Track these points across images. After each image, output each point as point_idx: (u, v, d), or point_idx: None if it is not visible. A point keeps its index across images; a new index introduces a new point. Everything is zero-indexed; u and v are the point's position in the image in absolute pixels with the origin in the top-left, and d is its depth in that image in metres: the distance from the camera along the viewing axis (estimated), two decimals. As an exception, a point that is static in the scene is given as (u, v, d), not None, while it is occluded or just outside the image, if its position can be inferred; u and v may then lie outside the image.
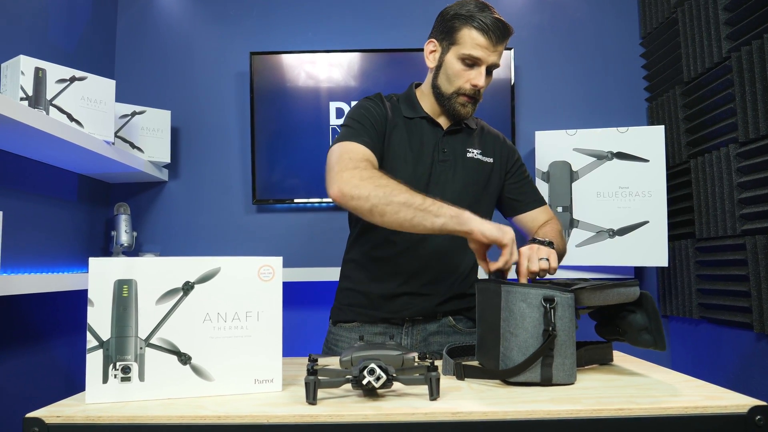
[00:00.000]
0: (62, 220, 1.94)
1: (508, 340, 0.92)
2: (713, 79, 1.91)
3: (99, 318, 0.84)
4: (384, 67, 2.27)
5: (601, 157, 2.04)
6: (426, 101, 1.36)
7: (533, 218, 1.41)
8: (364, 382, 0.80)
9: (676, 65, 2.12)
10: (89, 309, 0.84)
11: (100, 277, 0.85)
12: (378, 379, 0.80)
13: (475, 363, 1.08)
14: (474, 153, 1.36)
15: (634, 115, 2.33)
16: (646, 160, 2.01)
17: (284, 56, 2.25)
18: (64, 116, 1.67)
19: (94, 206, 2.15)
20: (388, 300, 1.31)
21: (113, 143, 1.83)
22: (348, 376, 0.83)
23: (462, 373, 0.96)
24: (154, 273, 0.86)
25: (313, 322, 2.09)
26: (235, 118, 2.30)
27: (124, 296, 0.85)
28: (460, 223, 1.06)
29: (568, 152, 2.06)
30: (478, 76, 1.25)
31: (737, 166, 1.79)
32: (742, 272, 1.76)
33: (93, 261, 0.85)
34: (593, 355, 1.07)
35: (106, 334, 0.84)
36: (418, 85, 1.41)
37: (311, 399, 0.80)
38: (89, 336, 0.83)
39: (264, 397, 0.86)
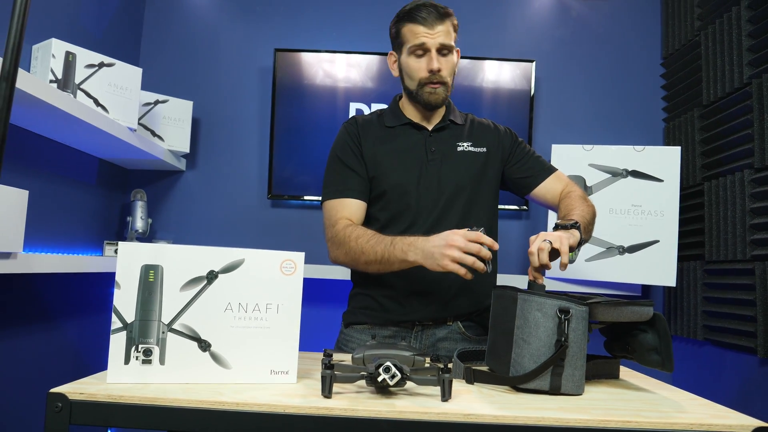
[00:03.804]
0: (80, 202, 1.97)
1: (520, 347, 0.94)
2: (732, 104, 1.92)
3: (124, 300, 0.86)
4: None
5: (616, 174, 2.06)
6: (408, 109, 1.41)
7: (548, 189, 1.40)
8: (379, 379, 0.82)
9: (696, 87, 2.13)
10: (116, 291, 0.86)
11: (129, 260, 0.87)
12: (393, 377, 0.82)
13: (485, 368, 1.10)
14: (464, 146, 1.38)
15: (650, 134, 2.34)
16: (661, 180, 2.02)
17: (307, 54, 2.28)
18: (91, 101, 1.70)
19: (111, 191, 2.18)
20: (399, 304, 1.33)
21: (135, 130, 1.86)
22: (363, 372, 0.85)
23: (472, 377, 0.98)
24: (180, 260, 0.89)
25: (322, 320, 2.10)
26: (256, 112, 2.33)
27: (150, 281, 0.87)
28: (409, 265, 1.19)
29: (584, 167, 2.08)
30: (430, 61, 1.31)
31: (751, 192, 1.80)
32: (749, 297, 1.77)
33: (122, 245, 0.87)
34: (601, 369, 1.09)
35: (130, 316, 0.86)
36: (401, 97, 1.45)
37: (327, 392, 0.82)
38: (114, 317, 0.86)
39: (279, 388, 0.88)
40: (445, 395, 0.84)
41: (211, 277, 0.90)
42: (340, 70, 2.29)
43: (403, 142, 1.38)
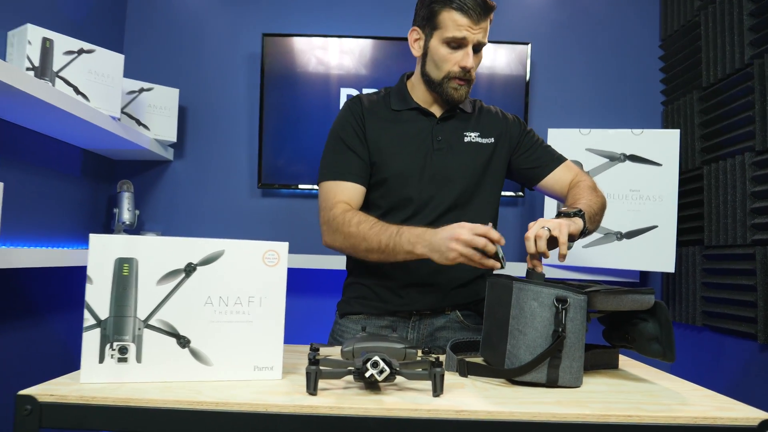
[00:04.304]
0: (64, 194, 1.92)
1: (516, 338, 0.89)
2: (733, 85, 1.87)
3: (97, 296, 0.82)
4: (396, 55, 2.23)
5: (614, 158, 2.01)
6: (417, 91, 1.34)
7: (557, 180, 1.35)
8: (367, 374, 0.78)
9: (695, 69, 2.08)
10: (87, 286, 0.82)
11: (101, 254, 0.82)
12: (381, 372, 0.78)
13: (480, 359, 1.06)
14: (471, 136, 1.33)
15: (649, 117, 2.29)
16: (659, 164, 1.97)
17: (296, 40, 2.22)
18: (70, 89, 1.64)
19: (97, 182, 2.13)
20: (395, 293, 1.29)
21: (119, 119, 1.81)
22: (350, 368, 0.81)
23: (465, 370, 0.94)
24: (156, 252, 0.84)
25: (316, 311, 2.06)
26: (244, 99, 2.27)
27: (124, 275, 0.83)
28: (414, 255, 1.13)
29: (581, 152, 2.03)
30: (465, 58, 1.22)
31: (752, 175, 1.75)
32: (750, 282, 1.73)
33: (93, 237, 0.82)
34: (599, 359, 1.05)
35: (104, 312, 0.82)
36: (409, 76, 1.38)
37: (311, 389, 0.78)
38: (86, 314, 0.81)
39: (263, 385, 0.84)
40: (437, 390, 0.80)
41: (190, 269, 0.85)
42: (331, 55, 2.23)
43: (408, 128, 1.31)
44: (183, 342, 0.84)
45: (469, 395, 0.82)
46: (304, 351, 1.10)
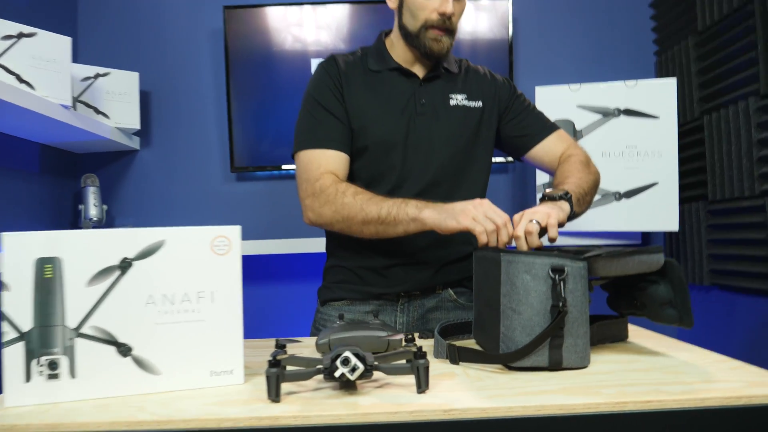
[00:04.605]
0: (23, 193, 1.78)
1: (509, 319, 0.78)
2: (732, 25, 1.74)
3: (16, 304, 0.69)
4: (372, 21, 2.08)
5: (607, 113, 1.88)
6: (397, 50, 1.20)
7: (547, 151, 1.22)
8: (337, 374, 0.66)
9: (689, 13, 1.94)
10: (4, 294, 0.69)
11: (17, 255, 0.70)
12: (353, 370, 0.66)
13: (473, 343, 0.94)
14: (458, 99, 1.19)
15: (641, 68, 2.16)
16: (656, 117, 1.85)
17: (261, 10, 2.06)
18: (12, 77, 1.50)
19: (59, 178, 1.99)
20: (379, 275, 1.17)
21: (73, 107, 1.66)
22: (319, 366, 0.69)
23: (456, 356, 0.82)
24: (83, 249, 0.71)
25: (301, 298, 1.95)
26: (210, 79, 2.12)
27: (46, 277, 0.70)
28: (419, 226, 1.01)
29: (572, 109, 1.90)
30: (444, 3, 1.09)
31: (757, 122, 1.63)
32: (760, 236, 1.62)
33: (6, 236, 0.70)
34: (606, 331, 0.94)
35: (26, 323, 0.70)
36: (388, 33, 1.24)
37: (273, 396, 0.66)
38: (5, 326, 0.69)
39: (221, 393, 0.72)
40: (421, 386, 0.68)
41: (125, 265, 0.73)
42: (299, 25, 2.08)
43: (389, 90, 1.17)
44: (124, 350, 0.72)
45: (459, 388, 0.70)
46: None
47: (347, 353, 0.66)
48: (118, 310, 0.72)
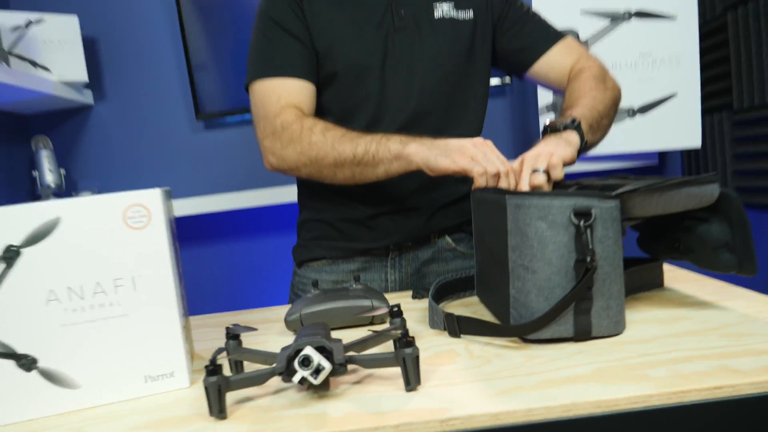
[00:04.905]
0: (-35, 164, 1.59)
1: (521, 279, 0.61)
2: None
3: None
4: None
5: (616, 18, 1.64)
6: None
7: (554, 65, 1.00)
8: (296, 379, 0.50)
9: None
10: None
11: None
12: (317, 371, 0.50)
13: (476, 301, 0.78)
14: (444, 9, 0.97)
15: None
16: (673, 18, 1.61)
17: (211, -70, 1.78)
18: None
19: (9, 144, 1.79)
20: (363, 226, 1.00)
21: (4, 63, 1.44)
22: (276, 365, 0.52)
23: (457, 329, 0.66)
24: (-51, 237, 0.53)
25: (283, 255, 1.79)
26: (162, 18, 1.87)
27: None
28: (404, 165, 0.83)
29: (575, 17, 1.66)
30: None
31: (792, 10, 1.40)
32: (797, 145, 1.43)
33: None
34: (637, 280, 0.77)
35: None
36: None
37: (216, 412, 0.50)
38: None
39: (158, 405, 0.56)
40: (410, 382, 0.52)
41: (11, 255, 0.55)
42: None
43: (359, 1, 0.95)
44: (26, 363, 0.56)
45: (461, 378, 0.54)
46: (261, 321, 0.81)
47: (308, 350, 0.50)
48: (11, 313, 0.55)
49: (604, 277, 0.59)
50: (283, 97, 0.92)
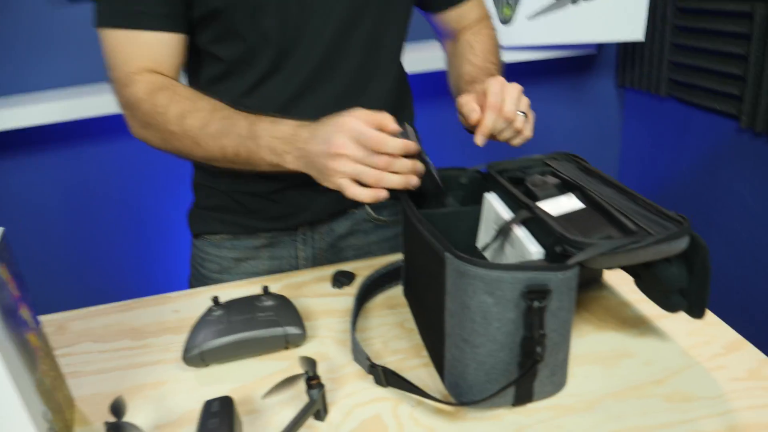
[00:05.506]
0: None
1: (459, 349, 0.52)
2: None
3: None
4: None
5: None
6: None
7: (461, 16, 0.90)
8: None
9: None
10: None
11: None
12: None
13: (403, 311, 0.69)
14: None
15: None
16: None
17: None
18: None
19: None
20: (268, 200, 0.84)
21: None
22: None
23: (383, 379, 0.58)
24: None
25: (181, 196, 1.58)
26: None
27: None
28: (287, 170, 0.67)
29: None
30: None
31: None
32: (740, 50, 1.34)
33: None
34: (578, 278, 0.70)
35: None
36: None
37: None
38: None
39: None
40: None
41: None
42: None
43: None
44: None
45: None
46: (146, 330, 0.68)
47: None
48: None
49: (552, 347, 0.51)
50: (135, 58, 0.71)
